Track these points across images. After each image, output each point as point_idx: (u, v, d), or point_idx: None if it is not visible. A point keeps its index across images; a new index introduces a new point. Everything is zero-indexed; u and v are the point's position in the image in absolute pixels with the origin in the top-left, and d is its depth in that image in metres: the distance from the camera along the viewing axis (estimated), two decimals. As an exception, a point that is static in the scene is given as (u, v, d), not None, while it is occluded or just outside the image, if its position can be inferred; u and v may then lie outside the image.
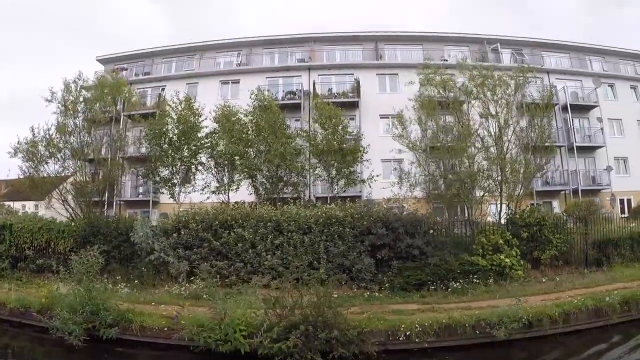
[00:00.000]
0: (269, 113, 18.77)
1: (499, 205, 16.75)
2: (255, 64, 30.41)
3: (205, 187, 19.21)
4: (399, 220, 13.96)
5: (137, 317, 10.34)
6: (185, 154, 18.70)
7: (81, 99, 19.39)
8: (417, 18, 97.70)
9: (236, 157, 18.48)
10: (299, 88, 27.59)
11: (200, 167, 19.29)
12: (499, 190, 16.41)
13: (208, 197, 18.52)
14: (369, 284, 13.19)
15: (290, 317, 8.73)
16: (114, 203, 20.86)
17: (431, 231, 14.78)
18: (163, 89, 29.20)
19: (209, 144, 19.07)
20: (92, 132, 19.48)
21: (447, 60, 27.10)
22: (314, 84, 27.21)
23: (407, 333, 9.39)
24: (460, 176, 16.34)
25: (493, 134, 16.65)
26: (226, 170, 19.23)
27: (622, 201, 28.37)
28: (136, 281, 14.05)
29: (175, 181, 18.83)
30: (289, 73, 29.34)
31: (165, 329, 9.92)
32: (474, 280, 13.45)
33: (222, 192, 19.07)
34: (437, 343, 9.53)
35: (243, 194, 19.56)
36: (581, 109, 29.55)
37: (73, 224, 17.35)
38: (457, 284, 13.23)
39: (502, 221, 16.06)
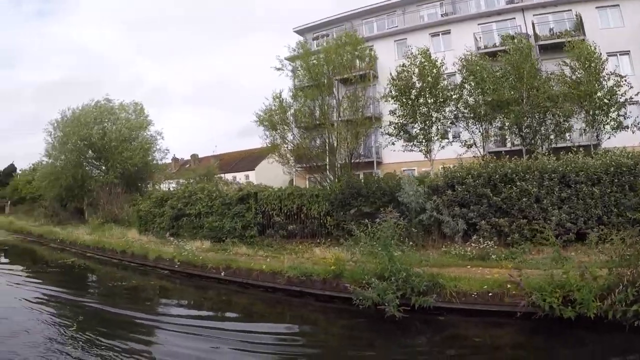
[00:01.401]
0: (526, 55, 18.33)
1: None
2: (462, 12, 29.59)
3: (454, 141, 19.37)
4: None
5: (449, 282, 9.81)
6: (434, 107, 18.74)
7: (322, 61, 20.34)
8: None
9: (486, 107, 18.38)
10: (518, 32, 25.92)
11: (454, 120, 19.35)
12: None
13: (466, 151, 18.69)
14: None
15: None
16: (334, 166, 20.63)
17: None
18: (370, 49, 30.36)
19: (457, 96, 18.97)
20: (334, 93, 20.43)
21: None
22: (533, 25, 25.94)
23: None
24: None
25: None
26: (483, 121, 19.01)
27: None
28: (411, 243, 12.36)
29: (430, 136, 18.81)
30: (501, 17, 28.08)
31: (490, 294, 9.33)
32: None
33: (478, 145, 19.07)
34: None
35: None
36: None
37: (325, 188, 17.91)
38: None
39: None
